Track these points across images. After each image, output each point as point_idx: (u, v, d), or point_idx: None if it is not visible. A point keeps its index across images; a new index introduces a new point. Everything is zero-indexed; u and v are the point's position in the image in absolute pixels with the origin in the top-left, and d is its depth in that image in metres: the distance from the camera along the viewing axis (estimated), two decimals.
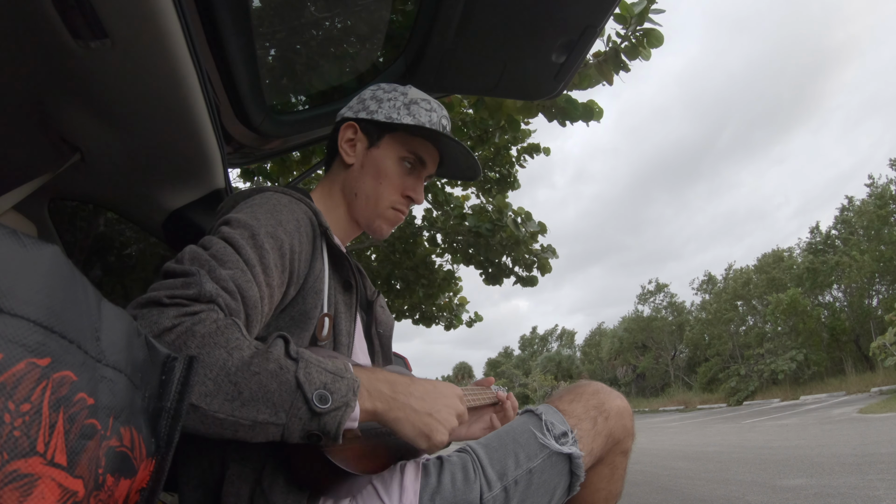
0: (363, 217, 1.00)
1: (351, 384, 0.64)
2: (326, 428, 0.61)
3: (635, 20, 2.53)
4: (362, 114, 0.99)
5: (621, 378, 33.06)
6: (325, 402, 0.61)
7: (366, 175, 0.98)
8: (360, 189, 0.99)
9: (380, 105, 0.99)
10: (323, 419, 0.61)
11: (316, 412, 0.60)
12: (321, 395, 0.61)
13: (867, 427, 6.39)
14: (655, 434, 10.47)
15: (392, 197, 0.99)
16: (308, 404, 0.60)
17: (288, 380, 0.60)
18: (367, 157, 0.99)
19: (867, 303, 20.95)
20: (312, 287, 0.82)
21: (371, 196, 0.98)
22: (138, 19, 0.81)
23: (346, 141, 1.00)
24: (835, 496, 2.81)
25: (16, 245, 0.31)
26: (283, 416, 0.60)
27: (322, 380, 0.62)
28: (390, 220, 1.01)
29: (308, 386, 0.61)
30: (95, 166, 1.18)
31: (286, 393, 0.60)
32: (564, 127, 3.15)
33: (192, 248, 0.71)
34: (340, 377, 0.64)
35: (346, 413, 0.62)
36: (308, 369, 0.62)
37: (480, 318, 6.67)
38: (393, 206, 1.00)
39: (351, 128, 1.00)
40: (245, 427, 0.59)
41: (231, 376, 0.58)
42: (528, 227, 4.85)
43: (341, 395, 0.62)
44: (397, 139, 0.98)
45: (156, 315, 0.59)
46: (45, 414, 0.31)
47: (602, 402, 0.94)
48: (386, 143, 0.98)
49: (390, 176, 0.98)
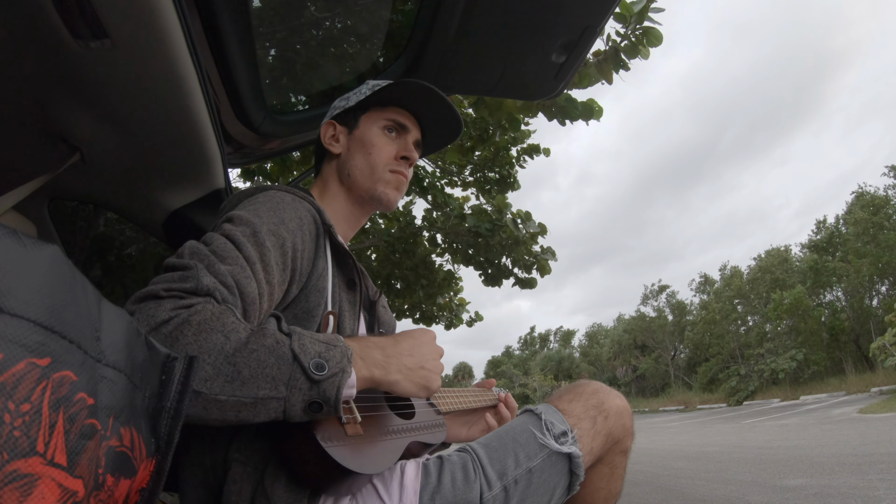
0: (365, 189, 1.02)
1: (344, 351, 0.66)
2: (326, 394, 0.62)
3: (635, 19, 2.53)
4: (335, 111, 1.07)
5: (621, 378, 33.05)
6: (322, 370, 0.62)
7: (354, 154, 1.02)
8: (352, 167, 1.02)
9: (348, 99, 1.06)
10: (322, 386, 0.62)
11: (314, 380, 0.62)
12: (317, 363, 0.62)
13: (867, 427, 6.38)
14: (655, 434, 10.47)
15: (386, 160, 1.02)
16: (306, 373, 0.61)
17: (284, 353, 0.62)
18: (350, 140, 1.04)
19: (867, 303, 20.95)
20: (315, 285, 0.83)
21: (365, 167, 1.01)
22: (138, 19, 0.81)
23: (328, 137, 1.06)
24: (835, 496, 2.81)
25: (16, 245, 0.31)
26: (283, 388, 0.60)
27: (316, 349, 0.64)
28: (393, 184, 1.03)
29: (304, 356, 0.62)
30: (95, 166, 1.18)
31: (284, 365, 0.61)
32: (564, 126, 3.16)
33: (193, 243, 0.71)
34: (333, 346, 0.66)
35: (343, 379, 0.64)
36: (302, 341, 0.64)
37: (481, 317, 6.67)
38: (391, 169, 1.02)
39: (330, 125, 1.06)
40: (247, 406, 0.59)
41: (229, 358, 0.59)
42: (528, 227, 4.85)
43: (336, 361, 0.64)
44: (372, 115, 1.04)
45: (153, 308, 0.59)
46: (45, 414, 0.31)
47: (601, 402, 0.94)
48: (363, 121, 1.04)
49: (378, 144, 1.02)
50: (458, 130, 1.11)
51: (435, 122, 1.09)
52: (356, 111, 1.04)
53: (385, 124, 1.03)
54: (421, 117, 1.07)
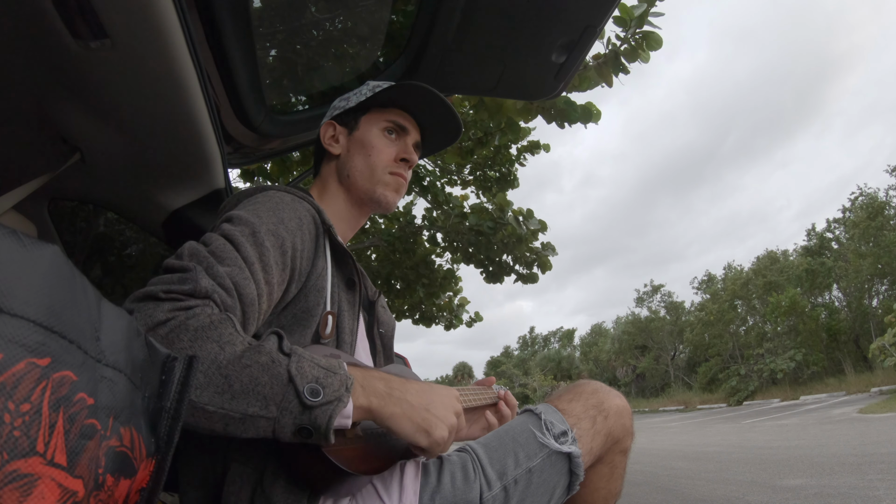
0: (364, 191, 1.02)
1: (344, 380, 0.64)
2: (317, 422, 0.60)
3: (635, 23, 2.54)
4: (335, 112, 1.06)
5: (621, 378, 33.04)
6: (317, 396, 0.60)
7: (354, 155, 1.02)
8: (352, 168, 1.02)
9: (348, 100, 1.06)
10: (314, 413, 0.60)
11: (307, 405, 0.60)
12: (313, 388, 0.60)
13: (867, 427, 6.38)
14: (655, 434, 10.47)
15: (385, 162, 1.02)
16: (299, 398, 0.59)
17: (280, 373, 0.60)
18: (350, 141, 1.04)
19: (867, 303, 20.94)
20: (315, 285, 0.83)
21: (364, 169, 1.01)
22: (138, 19, 0.81)
23: (328, 138, 1.05)
24: (835, 496, 2.81)
25: (16, 245, 0.31)
26: (273, 409, 0.59)
27: (314, 374, 0.62)
28: (392, 186, 1.03)
29: (300, 379, 0.60)
30: (95, 166, 1.18)
31: (278, 386, 0.59)
32: (563, 129, 3.16)
33: (192, 244, 0.71)
34: (333, 373, 0.63)
35: (337, 408, 0.61)
36: (300, 364, 0.62)
37: (480, 318, 6.67)
38: (390, 171, 1.02)
39: (329, 126, 1.06)
40: (235, 420, 0.58)
41: (222, 369, 0.58)
42: (530, 224, 4.86)
43: (333, 389, 0.62)
44: (372, 116, 1.04)
45: (151, 309, 0.59)
46: (44, 414, 0.31)
47: (601, 402, 0.94)
48: (363, 122, 1.04)
49: (377, 146, 1.02)
50: (458, 133, 1.11)
51: (435, 125, 1.09)
52: (356, 112, 1.04)
53: (385, 126, 1.03)
54: (421, 119, 1.07)
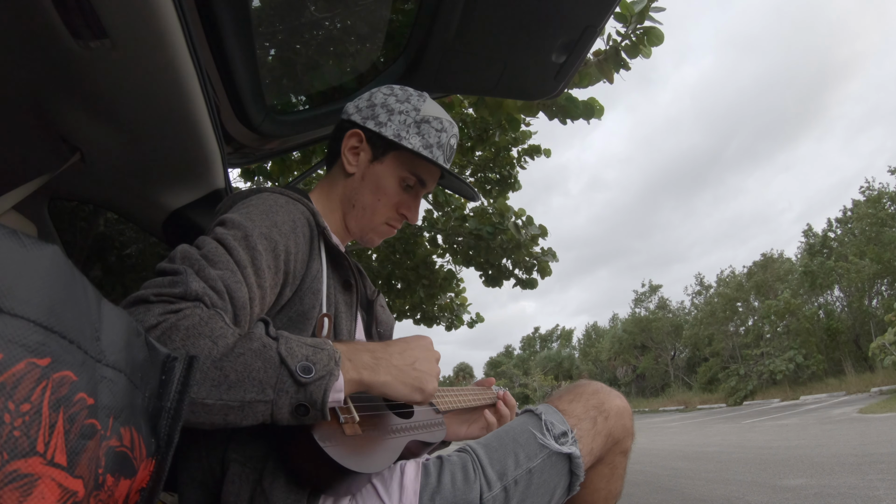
0: (357, 228, 1.01)
1: (332, 354, 0.66)
2: (313, 397, 0.62)
3: (635, 19, 2.53)
4: (370, 122, 0.97)
5: (621, 378, 33.04)
6: (309, 373, 0.62)
7: (365, 188, 0.98)
8: (357, 200, 0.99)
9: (390, 117, 0.96)
10: (309, 389, 0.62)
11: (301, 383, 0.61)
12: (304, 366, 0.62)
13: (867, 427, 6.39)
14: (655, 434, 10.47)
15: (388, 213, 1.00)
16: (293, 376, 0.61)
17: (271, 356, 0.61)
18: (368, 169, 0.98)
19: (867, 303, 20.94)
20: (310, 287, 0.82)
21: (367, 209, 0.99)
22: (138, 19, 0.81)
23: (349, 149, 0.98)
24: (835, 496, 2.81)
25: (16, 245, 0.31)
26: (269, 392, 0.60)
27: (304, 352, 0.64)
28: (382, 234, 1.03)
29: (291, 359, 0.62)
30: (95, 166, 1.18)
31: (271, 369, 0.61)
32: (565, 125, 3.15)
33: (184, 247, 0.71)
34: (321, 349, 0.65)
35: (330, 381, 0.63)
36: (289, 344, 0.64)
37: (482, 318, 6.66)
38: (387, 222, 1.02)
39: (356, 136, 0.98)
40: (234, 409, 0.59)
41: (217, 363, 0.59)
42: (529, 230, 4.86)
43: (323, 364, 0.64)
44: (402, 158, 0.97)
45: (142, 312, 0.60)
46: (45, 414, 0.31)
47: (602, 402, 0.94)
48: (390, 160, 0.97)
49: (389, 194, 0.99)
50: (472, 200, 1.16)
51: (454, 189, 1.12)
52: (389, 144, 0.96)
53: (407, 177, 0.98)
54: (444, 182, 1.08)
